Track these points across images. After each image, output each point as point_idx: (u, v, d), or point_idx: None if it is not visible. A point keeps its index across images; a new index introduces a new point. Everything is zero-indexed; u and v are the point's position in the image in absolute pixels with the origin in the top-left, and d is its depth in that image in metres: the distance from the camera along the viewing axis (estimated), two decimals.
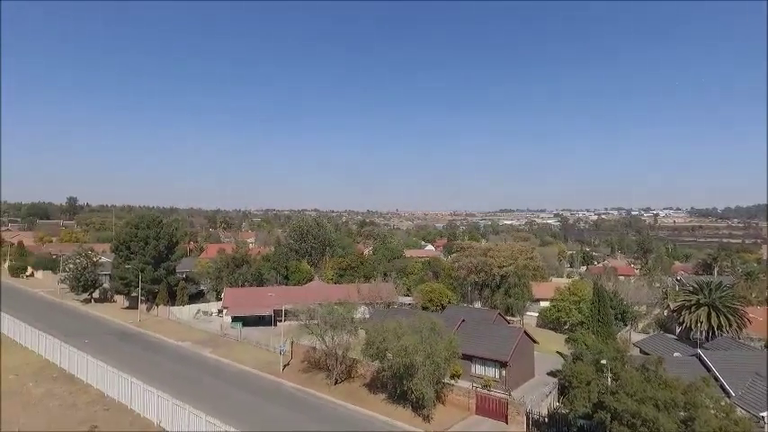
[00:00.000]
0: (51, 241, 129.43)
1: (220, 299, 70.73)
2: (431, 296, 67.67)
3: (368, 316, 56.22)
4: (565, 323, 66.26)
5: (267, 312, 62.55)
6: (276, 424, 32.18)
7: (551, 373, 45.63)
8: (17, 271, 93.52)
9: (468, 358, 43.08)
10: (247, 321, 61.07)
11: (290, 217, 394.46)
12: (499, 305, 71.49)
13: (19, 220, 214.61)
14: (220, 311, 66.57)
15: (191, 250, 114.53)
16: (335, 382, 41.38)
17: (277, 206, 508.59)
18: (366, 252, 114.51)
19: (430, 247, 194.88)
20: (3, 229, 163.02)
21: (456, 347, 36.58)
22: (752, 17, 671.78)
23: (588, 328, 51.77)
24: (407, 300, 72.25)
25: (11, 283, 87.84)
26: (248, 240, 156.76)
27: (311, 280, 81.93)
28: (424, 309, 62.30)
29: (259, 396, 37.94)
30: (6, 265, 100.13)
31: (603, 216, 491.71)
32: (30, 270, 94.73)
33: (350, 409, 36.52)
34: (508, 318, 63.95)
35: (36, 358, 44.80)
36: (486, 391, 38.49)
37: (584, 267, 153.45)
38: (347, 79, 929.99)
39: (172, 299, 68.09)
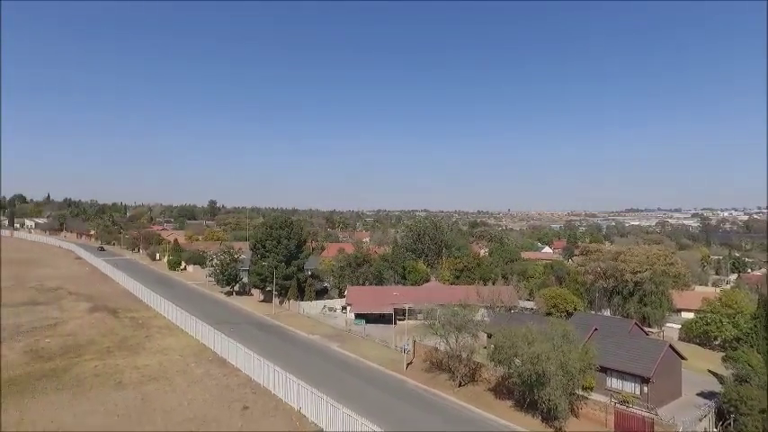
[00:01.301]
0: (198, 239, 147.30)
1: (343, 296, 74.57)
2: (555, 302, 64.22)
3: (487, 319, 55.04)
4: (715, 338, 58.52)
5: (387, 311, 64.46)
6: (409, 424, 32.94)
7: (704, 395, 40.62)
8: (174, 265, 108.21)
9: (603, 370, 40.00)
10: (369, 319, 63.54)
11: (401, 217, 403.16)
12: (633, 314, 65.37)
13: (172, 220, 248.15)
14: (344, 308, 70.13)
15: (313, 249, 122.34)
16: (459, 385, 41.22)
17: (388, 207, 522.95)
18: (482, 253, 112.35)
19: (547, 248, 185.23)
20: (160, 228, 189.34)
21: (592, 358, 34.30)
22: None
23: (752, 346, 44.99)
24: (528, 304, 69.36)
25: (169, 275, 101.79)
26: (363, 240, 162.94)
27: (428, 280, 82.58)
28: (548, 315, 59.25)
29: (386, 393, 39.19)
30: (166, 259, 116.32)
31: (756, 216, 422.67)
32: (183, 264, 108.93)
33: (476, 412, 36.09)
34: (645, 329, 58.17)
35: (195, 342, 51.26)
36: (625, 408, 35.48)
37: (735, 275, 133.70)
38: (470, 80, 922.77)
39: (300, 294, 73.38)
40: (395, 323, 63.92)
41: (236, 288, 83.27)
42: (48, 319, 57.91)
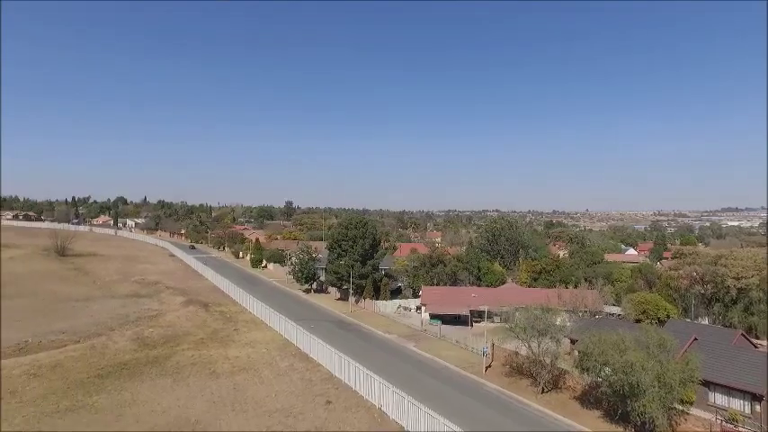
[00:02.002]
0: (277, 239, 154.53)
1: (417, 296, 74.74)
2: (644, 308, 60.01)
3: (568, 324, 52.65)
4: None
5: (463, 312, 63.72)
6: (490, 427, 32.40)
7: None
8: (256, 263, 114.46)
9: (705, 384, 36.77)
10: (444, 319, 63.16)
11: (471, 218, 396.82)
12: (737, 324, 59.51)
13: (252, 220, 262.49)
14: (418, 308, 70.30)
15: (386, 249, 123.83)
16: (542, 391, 39.79)
17: (458, 207, 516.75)
18: (561, 255, 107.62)
19: (632, 250, 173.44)
20: (242, 228, 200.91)
21: (694, 369, 31.62)
22: None
23: None
24: (614, 310, 65.39)
25: (252, 273, 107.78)
26: (435, 240, 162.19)
27: (504, 282, 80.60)
28: (637, 321, 55.47)
29: (465, 395, 38.74)
30: (248, 257, 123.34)
31: None
32: (264, 262, 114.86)
33: (561, 420, 34.64)
34: (752, 340, 52.60)
35: (278, 336, 53.86)
36: (734, 427, 32.40)
37: None
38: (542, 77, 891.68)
39: (376, 293, 74.56)
40: (471, 325, 63.04)
41: (314, 286, 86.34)
42: (149, 310, 63.56)
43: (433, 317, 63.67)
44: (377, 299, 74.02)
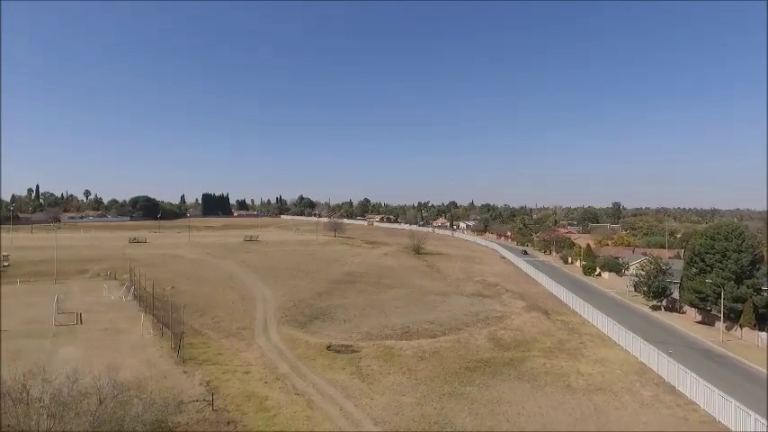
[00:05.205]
0: (608, 244, 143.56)
1: None
2: None
3: None
4: None
5: None
6: None
7: None
8: (588, 270, 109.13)
9: None
10: None
11: None
12: None
13: (575, 223, 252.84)
14: None
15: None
16: None
17: None
18: None
19: None
20: (566, 231, 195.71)
21: None
22: None
23: None
24: None
25: (585, 281, 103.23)
26: None
27: None
28: None
29: None
30: (578, 263, 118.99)
31: None
32: (597, 270, 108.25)
33: None
34: None
35: (632, 358, 49.23)
36: None
37: None
38: None
39: (760, 322, 58.98)
40: None
41: (664, 303, 75.42)
42: (494, 311, 69.01)
43: None
44: (760, 329, 58.35)
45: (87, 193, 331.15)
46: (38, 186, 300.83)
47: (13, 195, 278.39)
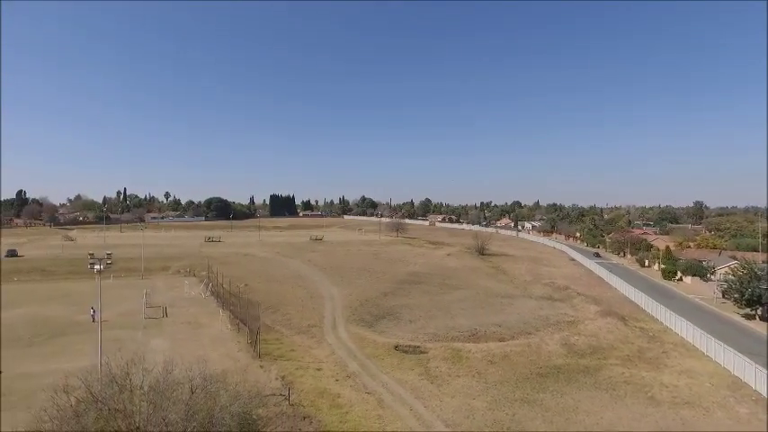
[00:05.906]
0: (689, 246, 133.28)
1: None
2: None
3: None
4: None
5: None
6: None
7: None
8: (668, 274, 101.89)
9: None
10: None
11: None
12: None
13: (651, 223, 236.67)
14: None
15: None
16: None
17: None
18: None
19: None
20: (641, 232, 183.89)
21: None
22: None
23: None
24: None
25: (664, 285, 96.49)
26: None
27: None
28: None
29: None
30: (657, 267, 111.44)
31: None
32: (679, 274, 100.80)
33: None
34: None
35: (723, 371, 45.46)
36: None
37: None
38: None
39: None
40: None
41: (759, 312, 68.84)
42: (566, 315, 66.30)
43: None
44: None
45: (167, 194, 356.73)
46: (125, 189, 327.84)
47: (104, 197, 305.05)
